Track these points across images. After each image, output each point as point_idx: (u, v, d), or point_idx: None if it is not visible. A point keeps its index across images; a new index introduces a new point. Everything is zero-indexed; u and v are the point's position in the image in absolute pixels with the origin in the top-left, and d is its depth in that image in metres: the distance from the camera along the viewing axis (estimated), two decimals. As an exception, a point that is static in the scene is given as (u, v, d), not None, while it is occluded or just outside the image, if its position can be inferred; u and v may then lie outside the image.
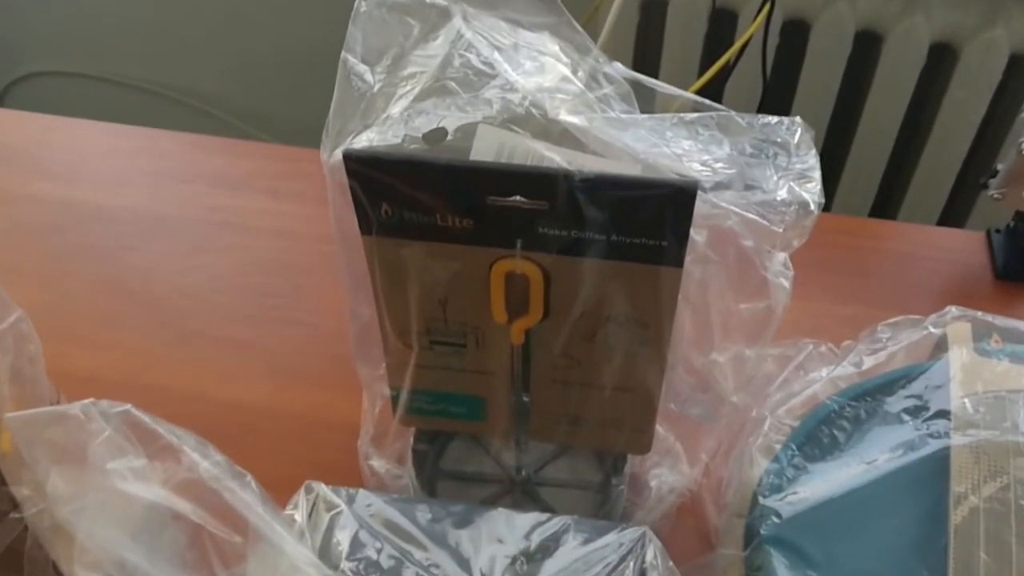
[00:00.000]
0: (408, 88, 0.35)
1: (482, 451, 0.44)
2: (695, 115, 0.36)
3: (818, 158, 0.37)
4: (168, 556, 0.25)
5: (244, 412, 0.52)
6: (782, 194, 0.35)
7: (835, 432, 0.40)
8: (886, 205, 1.06)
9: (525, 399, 0.39)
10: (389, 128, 0.34)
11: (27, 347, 0.33)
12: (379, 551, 0.30)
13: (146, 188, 0.68)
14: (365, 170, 0.32)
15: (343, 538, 0.30)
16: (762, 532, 0.37)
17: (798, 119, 0.38)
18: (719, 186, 0.35)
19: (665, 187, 0.31)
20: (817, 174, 0.36)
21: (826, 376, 0.43)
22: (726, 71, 0.90)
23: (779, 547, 0.36)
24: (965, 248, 0.64)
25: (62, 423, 0.23)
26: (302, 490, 0.30)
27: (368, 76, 0.36)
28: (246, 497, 0.23)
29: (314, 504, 0.30)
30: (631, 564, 0.30)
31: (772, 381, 0.44)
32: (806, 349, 0.46)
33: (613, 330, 0.36)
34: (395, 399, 0.41)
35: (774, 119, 0.37)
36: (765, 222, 0.34)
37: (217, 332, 0.57)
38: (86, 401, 0.24)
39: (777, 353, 0.44)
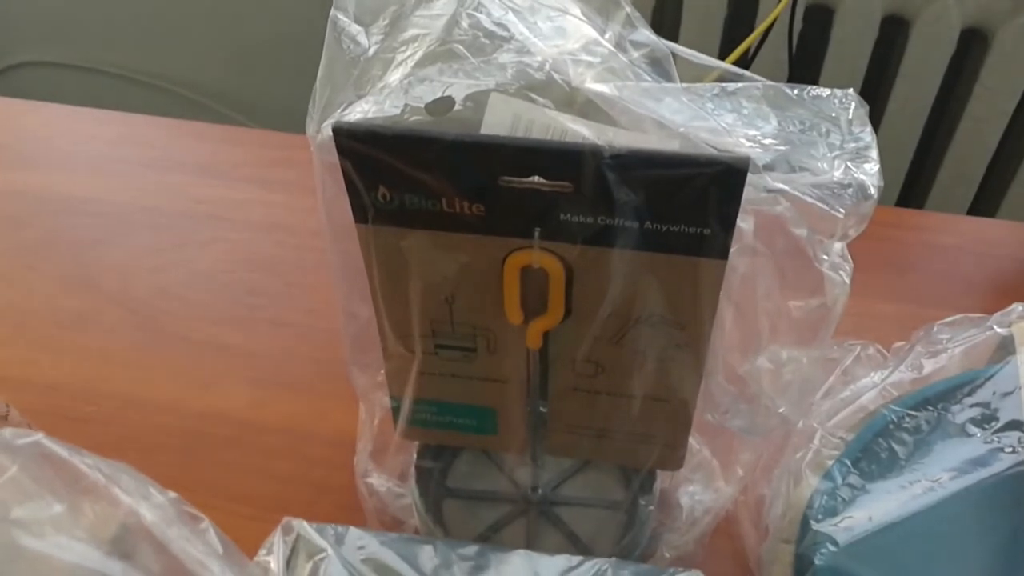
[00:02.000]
0: (409, 52, 0.32)
1: (493, 467, 0.41)
2: (738, 85, 0.33)
3: (874, 135, 0.34)
4: None
5: (226, 424, 0.49)
6: (838, 175, 0.32)
7: (894, 446, 0.37)
8: (911, 194, 1.05)
9: (542, 410, 0.36)
10: (387, 98, 0.30)
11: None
12: (373, 607, 0.25)
13: (124, 178, 0.65)
14: (359, 147, 0.29)
15: (328, 591, 0.25)
16: (816, 562, 0.33)
17: (851, 91, 0.34)
18: (764, 167, 0.31)
19: (711, 165, 0.28)
20: (874, 153, 0.34)
21: (881, 383, 0.39)
22: (747, 57, 0.88)
23: (837, 581, 0.33)
24: (1013, 241, 0.60)
25: (-56, 461, 0.18)
26: (279, 530, 0.25)
27: (362, 38, 0.32)
28: (197, 551, 0.18)
29: (293, 547, 0.25)
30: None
31: (816, 388, 0.40)
32: (852, 351, 0.43)
33: (645, 332, 0.32)
34: (396, 410, 0.38)
35: (825, 91, 0.34)
36: (824, 206, 0.30)
37: (198, 335, 0.54)
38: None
39: (819, 356, 0.41)
